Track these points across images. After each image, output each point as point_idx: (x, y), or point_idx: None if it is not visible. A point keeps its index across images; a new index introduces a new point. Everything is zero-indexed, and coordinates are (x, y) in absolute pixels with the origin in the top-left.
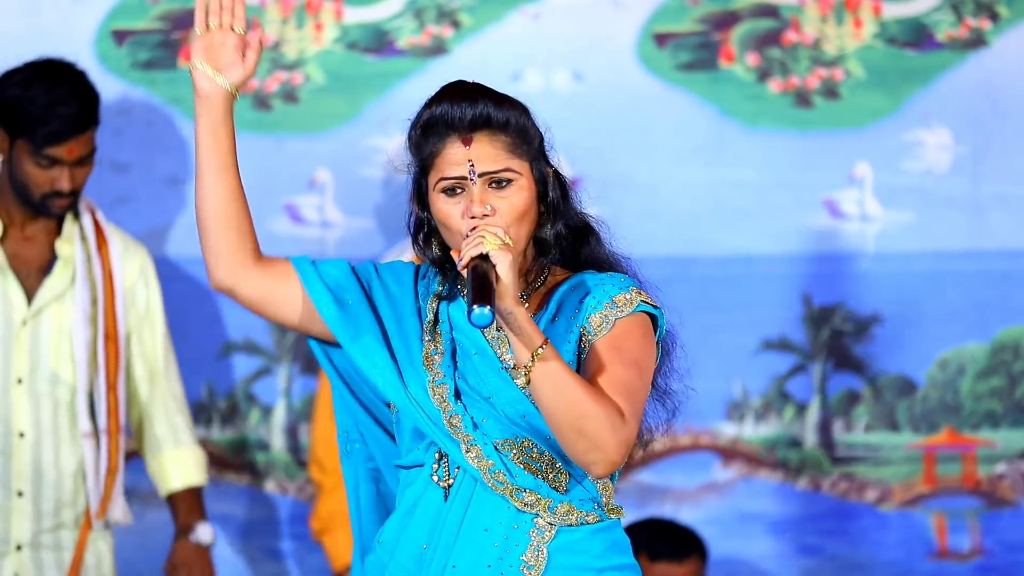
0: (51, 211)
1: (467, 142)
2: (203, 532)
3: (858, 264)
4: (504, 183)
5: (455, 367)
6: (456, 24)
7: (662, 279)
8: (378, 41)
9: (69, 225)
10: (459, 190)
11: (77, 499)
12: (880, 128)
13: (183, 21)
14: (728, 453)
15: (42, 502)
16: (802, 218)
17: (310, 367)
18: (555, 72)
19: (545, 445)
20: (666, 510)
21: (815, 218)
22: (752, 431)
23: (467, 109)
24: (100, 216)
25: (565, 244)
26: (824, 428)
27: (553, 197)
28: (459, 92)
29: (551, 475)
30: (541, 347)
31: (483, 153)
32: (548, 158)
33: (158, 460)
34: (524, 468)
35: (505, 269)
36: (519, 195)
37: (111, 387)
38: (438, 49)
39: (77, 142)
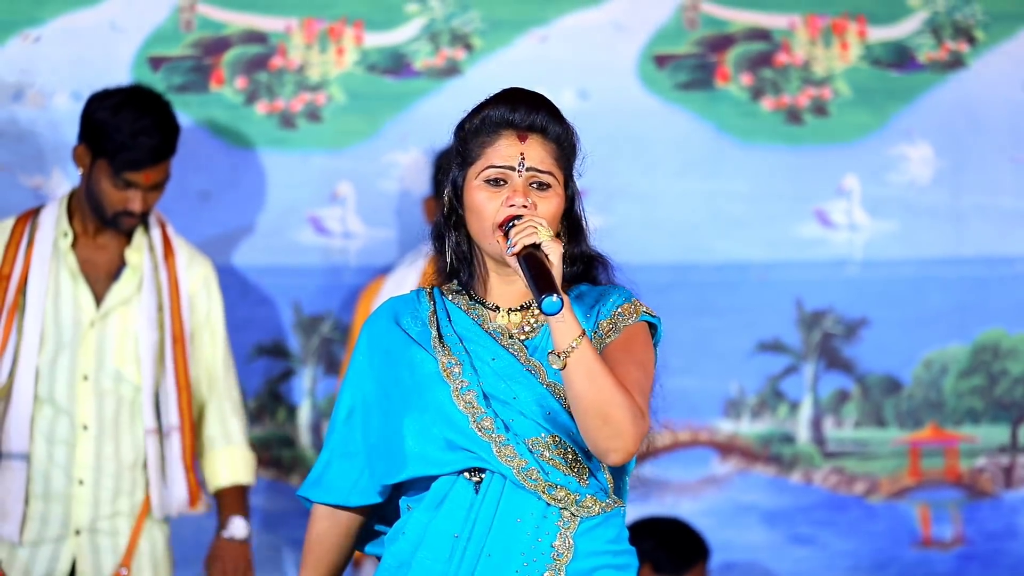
0: (120, 227)
1: (522, 138)
2: (235, 526)
3: (847, 270)
4: (545, 186)
5: (477, 374)
6: (469, 47)
7: (662, 285)
8: (396, 63)
9: (139, 235)
10: (502, 183)
11: (135, 490)
12: (866, 143)
13: (214, 48)
14: (725, 448)
15: (101, 491)
16: (794, 227)
17: (333, 368)
18: (562, 91)
19: (570, 441)
20: (667, 502)
21: (806, 227)
22: (748, 428)
23: (529, 112)
24: (169, 228)
25: (576, 268)
26: (816, 425)
27: (577, 214)
28: (522, 96)
29: (576, 469)
30: (581, 335)
31: (534, 153)
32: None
33: (209, 458)
34: (553, 465)
35: (558, 259)
36: (554, 201)
37: (182, 387)
38: (452, 70)
39: (154, 170)
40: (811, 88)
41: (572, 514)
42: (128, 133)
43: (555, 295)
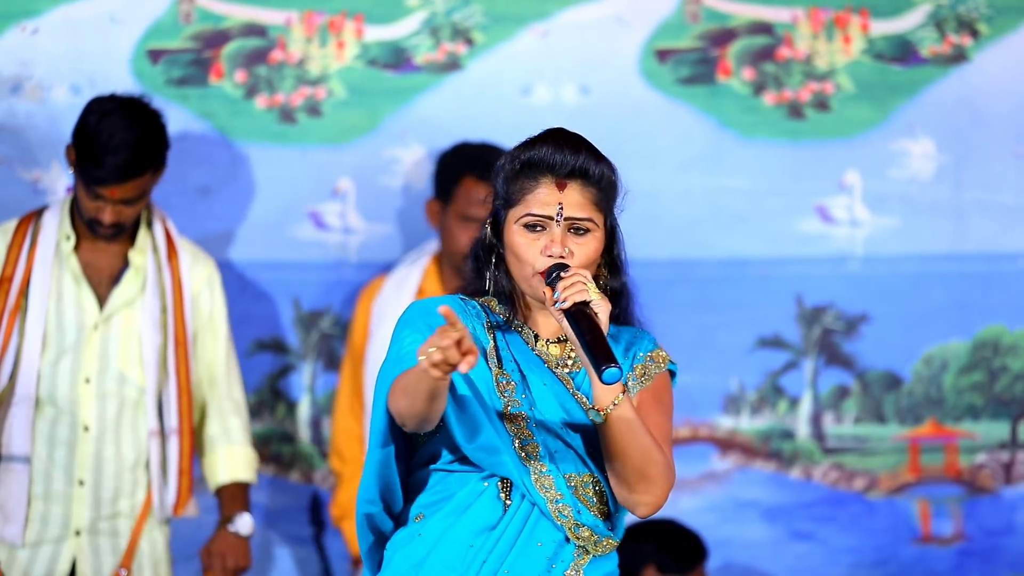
0: (95, 234)
1: (561, 187)
2: (241, 523)
3: (848, 266)
4: (583, 231)
5: (529, 396)
6: (470, 42)
7: (664, 281)
8: (396, 58)
9: (142, 236)
10: (540, 228)
11: (135, 491)
12: (868, 138)
13: (213, 41)
14: (725, 444)
15: (101, 492)
16: (795, 223)
17: (332, 364)
18: (563, 86)
19: (603, 480)
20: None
21: (807, 223)
22: (748, 423)
23: (569, 157)
24: (171, 228)
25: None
26: (815, 421)
27: (618, 252)
28: (563, 139)
29: (600, 510)
30: (623, 392)
31: (572, 200)
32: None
33: (210, 457)
34: (586, 505)
35: (606, 317)
36: (592, 244)
37: (183, 390)
38: (453, 65)
39: (120, 187)
40: (813, 82)
41: (587, 551)
42: (99, 147)
43: (614, 365)
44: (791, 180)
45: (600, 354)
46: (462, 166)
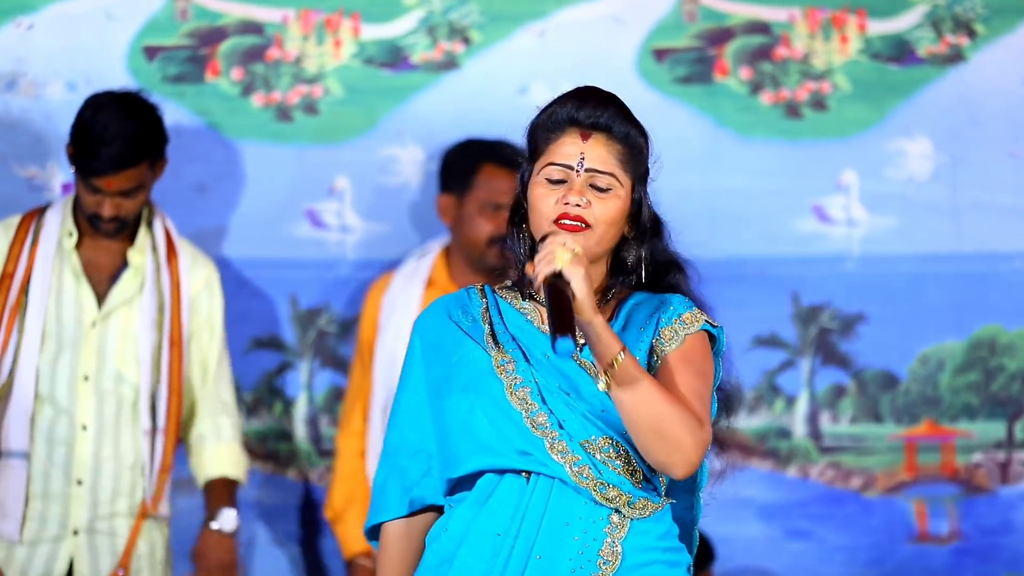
0: (98, 230)
1: (585, 137)
2: (224, 519)
3: (844, 266)
4: (605, 188)
5: (532, 370)
6: (467, 40)
7: None
8: (393, 57)
9: (142, 236)
10: (561, 181)
11: (134, 490)
12: (865, 138)
13: (210, 38)
14: (722, 442)
15: (99, 491)
16: (792, 223)
17: (330, 362)
18: (560, 85)
19: (623, 441)
20: None
21: (804, 223)
22: (745, 422)
23: (595, 110)
24: (172, 229)
25: (649, 272)
26: (812, 420)
27: (644, 220)
28: (591, 95)
29: (628, 471)
30: (620, 353)
31: (595, 153)
32: (646, 188)
33: (199, 453)
34: (607, 465)
35: (580, 283)
36: (615, 203)
37: (174, 390)
38: (450, 64)
39: (116, 178)
40: (810, 82)
41: (623, 516)
42: (93, 138)
43: (568, 336)
44: (788, 179)
45: (556, 324)
46: (480, 155)
